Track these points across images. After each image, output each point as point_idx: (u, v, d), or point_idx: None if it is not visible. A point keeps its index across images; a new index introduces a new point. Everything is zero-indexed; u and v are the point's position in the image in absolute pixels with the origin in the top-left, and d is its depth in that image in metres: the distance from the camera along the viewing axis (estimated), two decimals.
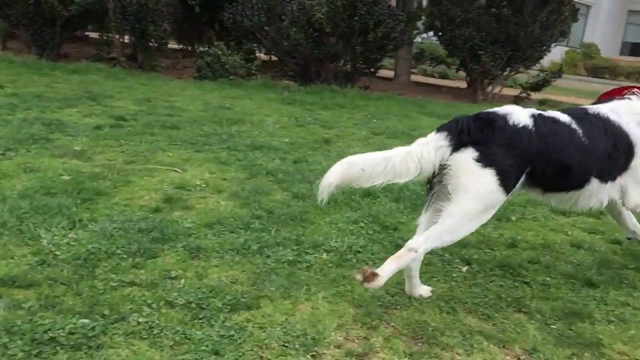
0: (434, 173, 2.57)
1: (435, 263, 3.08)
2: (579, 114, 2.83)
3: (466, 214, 2.49)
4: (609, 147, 2.81)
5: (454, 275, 2.97)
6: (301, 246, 3.10)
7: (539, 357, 2.29)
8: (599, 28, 34.48)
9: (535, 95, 11.81)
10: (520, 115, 2.59)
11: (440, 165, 2.52)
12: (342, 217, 3.60)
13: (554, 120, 2.70)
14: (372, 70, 9.78)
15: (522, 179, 2.60)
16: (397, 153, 2.53)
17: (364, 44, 8.88)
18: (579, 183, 2.79)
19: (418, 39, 14.97)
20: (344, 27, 8.54)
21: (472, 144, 2.49)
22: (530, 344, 2.36)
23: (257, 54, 10.59)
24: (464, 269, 3.06)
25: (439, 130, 2.57)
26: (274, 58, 10.96)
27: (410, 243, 2.50)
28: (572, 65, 28.93)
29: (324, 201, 2.57)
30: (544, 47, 10.56)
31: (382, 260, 3.01)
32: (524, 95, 11.37)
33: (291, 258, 2.94)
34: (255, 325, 2.31)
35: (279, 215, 3.49)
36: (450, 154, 2.50)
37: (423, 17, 11.54)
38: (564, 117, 2.75)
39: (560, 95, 14.39)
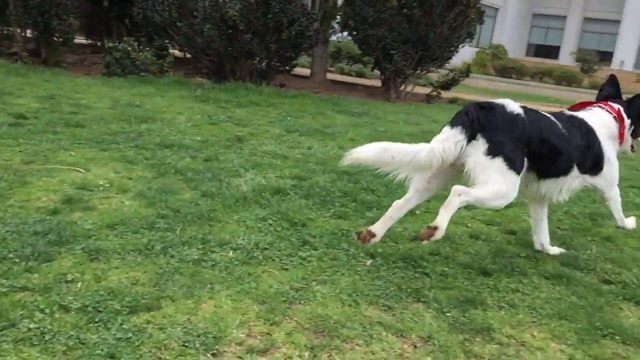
0: None
1: (341, 257, 3.14)
2: (557, 114, 3.32)
3: (492, 194, 2.89)
4: (583, 145, 3.25)
5: (358, 269, 3.03)
6: (207, 245, 3.07)
7: (433, 344, 2.38)
8: (507, 30, 36.29)
9: (445, 94, 12.27)
10: (514, 105, 3.01)
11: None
12: (251, 215, 3.60)
13: (537, 112, 3.16)
14: (287, 68, 9.80)
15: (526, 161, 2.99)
16: (423, 149, 2.83)
17: (278, 42, 8.89)
18: (565, 168, 3.22)
19: (334, 38, 15.18)
20: (257, 25, 8.52)
21: (481, 131, 2.87)
22: (426, 332, 2.46)
23: (170, 51, 10.37)
24: (368, 262, 3.14)
25: (453, 125, 2.89)
26: (188, 55, 10.76)
27: (456, 187, 2.85)
28: (481, 65, 30.24)
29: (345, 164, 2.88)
30: (452, 48, 11.00)
31: (289, 256, 3.08)
32: (434, 94, 11.79)
33: (196, 257, 2.91)
34: (155, 327, 2.28)
35: (186, 214, 3.45)
36: (467, 144, 2.86)
37: (338, 17, 11.70)
38: (544, 113, 3.21)
39: (469, 94, 15.04)
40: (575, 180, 3.31)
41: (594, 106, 3.55)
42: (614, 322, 2.69)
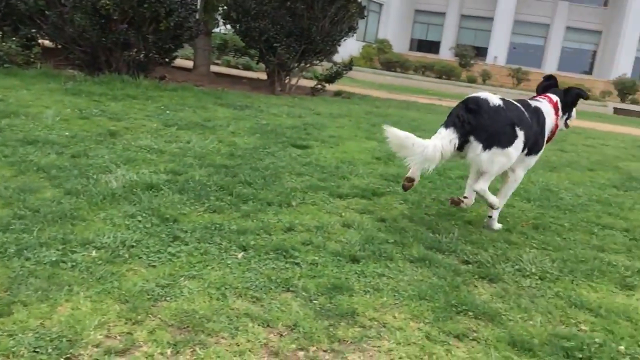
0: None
1: (212, 252, 3.11)
2: (525, 104, 3.95)
3: (500, 167, 3.70)
4: (537, 133, 3.91)
5: (229, 262, 3.02)
6: (68, 245, 2.93)
7: (299, 331, 2.43)
8: (391, 25, 37.51)
9: (331, 87, 12.49)
10: (495, 99, 3.66)
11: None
12: (119, 212, 3.48)
13: (513, 103, 3.80)
14: (167, 60, 9.49)
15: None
16: (429, 144, 3.44)
17: (156, 33, 8.56)
18: (523, 148, 3.81)
19: (219, 30, 14.93)
20: (133, 15, 8.17)
21: (472, 133, 3.56)
22: (292, 320, 2.50)
23: (40, 41, 9.71)
24: (240, 255, 3.13)
25: (447, 126, 3.56)
26: (60, 45, 10.10)
27: (475, 187, 3.74)
28: (368, 59, 31.08)
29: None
30: (335, 41, 11.19)
31: (157, 253, 3.01)
32: (319, 87, 11.96)
33: (55, 258, 2.76)
34: (4, 334, 2.14)
35: (46, 214, 3.26)
36: (461, 142, 3.54)
37: (220, 9, 11.51)
38: (517, 103, 3.84)
39: (354, 87, 15.44)
40: (519, 159, 3.90)
41: (542, 97, 4.21)
42: (468, 299, 2.88)
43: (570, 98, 4.30)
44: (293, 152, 5.72)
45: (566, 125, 4.42)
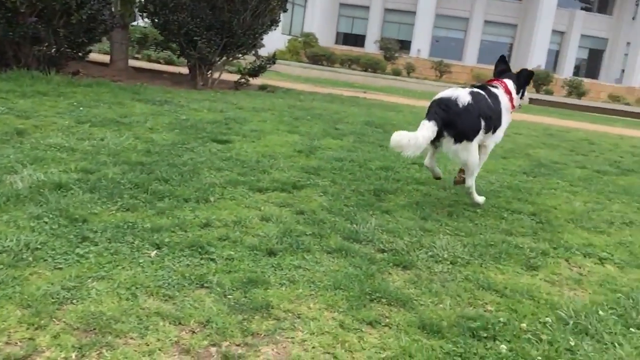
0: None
1: (123, 251, 3.02)
2: (487, 91, 4.47)
3: (473, 165, 4.40)
4: (497, 115, 4.45)
5: (141, 261, 2.94)
6: None
7: (211, 327, 2.40)
8: (317, 19, 37.66)
9: (255, 81, 12.41)
10: (465, 97, 4.16)
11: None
12: (24, 214, 3.32)
13: (479, 93, 4.34)
14: (80, 55, 9.11)
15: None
16: (419, 135, 3.96)
17: (67, 27, 8.20)
18: (486, 131, 4.39)
19: (137, 23, 14.50)
20: (42, 7, 7.79)
21: (445, 128, 4.11)
22: (205, 317, 2.47)
23: None
24: (153, 253, 3.06)
25: (430, 119, 4.06)
26: None
27: (466, 184, 4.55)
28: (295, 53, 31.11)
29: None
30: (257, 35, 11.09)
31: (64, 255, 2.89)
32: (242, 80, 11.84)
33: None
34: None
35: None
36: (438, 134, 4.10)
37: (137, 1, 11.15)
38: (482, 92, 4.37)
39: (279, 81, 15.41)
40: (486, 137, 4.46)
41: (496, 82, 4.67)
42: (382, 286, 2.94)
43: (522, 79, 4.83)
44: (213, 147, 5.65)
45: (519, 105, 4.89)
